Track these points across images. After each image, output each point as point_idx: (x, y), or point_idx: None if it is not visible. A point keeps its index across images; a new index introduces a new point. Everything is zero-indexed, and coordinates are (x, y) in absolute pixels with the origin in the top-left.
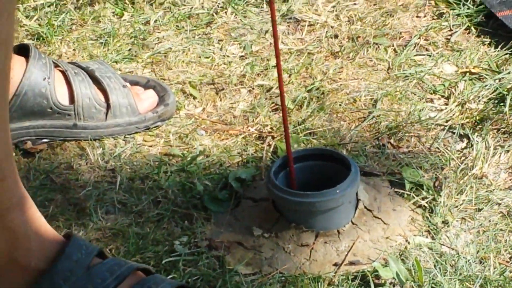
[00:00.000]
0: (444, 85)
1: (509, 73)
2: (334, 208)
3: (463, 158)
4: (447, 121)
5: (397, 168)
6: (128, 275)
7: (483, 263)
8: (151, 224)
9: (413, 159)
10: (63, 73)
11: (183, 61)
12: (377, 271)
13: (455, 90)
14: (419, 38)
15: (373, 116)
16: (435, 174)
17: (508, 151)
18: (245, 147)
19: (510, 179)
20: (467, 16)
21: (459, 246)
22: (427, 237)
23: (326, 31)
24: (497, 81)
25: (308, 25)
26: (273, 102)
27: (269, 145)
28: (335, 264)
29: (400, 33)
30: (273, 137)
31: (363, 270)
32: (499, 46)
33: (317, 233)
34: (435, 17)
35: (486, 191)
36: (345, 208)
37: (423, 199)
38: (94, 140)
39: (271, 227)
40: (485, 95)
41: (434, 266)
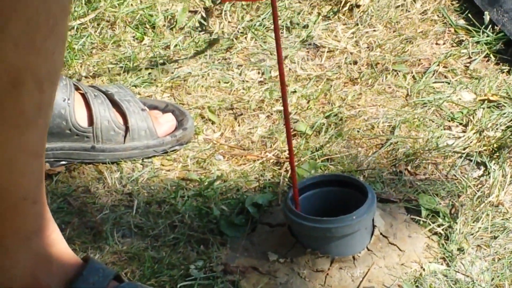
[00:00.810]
0: (462, 113)
1: None
2: (350, 234)
3: (480, 186)
4: (465, 149)
5: (414, 195)
6: None
7: None
8: (167, 248)
9: (430, 186)
10: (83, 96)
11: (202, 86)
12: None
13: (473, 118)
14: (438, 65)
15: (391, 143)
16: (452, 201)
17: None
18: (263, 173)
19: None
20: (486, 44)
21: (474, 274)
22: (442, 264)
23: (345, 57)
24: None
25: (328, 51)
26: (292, 128)
27: (286, 171)
28: None
29: (419, 60)
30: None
31: None
32: None
33: (333, 259)
34: (455, 45)
35: (502, 219)
36: (361, 234)
37: (439, 226)
38: (112, 163)
39: (287, 252)
40: (503, 123)
41: None
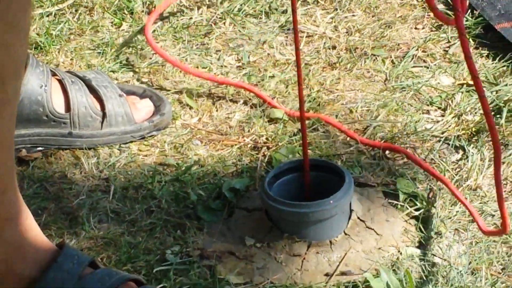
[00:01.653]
0: (441, 97)
1: (506, 85)
2: (327, 219)
3: (458, 170)
4: (443, 133)
5: (392, 179)
6: (119, 286)
7: (475, 274)
8: (144, 233)
9: (408, 170)
10: (60, 82)
11: (180, 71)
12: (368, 282)
13: (452, 102)
14: (417, 50)
15: (369, 127)
16: (430, 185)
17: (503, 163)
18: (240, 158)
19: (504, 191)
20: (466, 28)
21: (452, 257)
22: (420, 248)
23: (324, 42)
24: (494, 93)
25: (306, 36)
26: (269, 113)
27: (264, 156)
28: (327, 274)
29: (398, 45)
30: (268, 148)
31: (354, 281)
32: (497, 58)
33: (310, 243)
34: (434, 29)
35: (480, 203)
36: (338, 219)
37: (417, 210)
38: (89, 149)
39: (264, 237)
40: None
41: (426, 277)
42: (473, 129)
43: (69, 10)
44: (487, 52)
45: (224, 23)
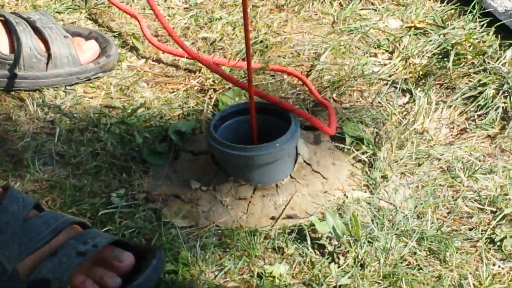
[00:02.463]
0: (389, 40)
1: (454, 29)
2: (273, 162)
3: (405, 113)
4: (390, 76)
5: (338, 123)
6: (64, 229)
7: (421, 218)
8: (89, 176)
9: (355, 114)
10: (4, 23)
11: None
12: (314, 225)
13: (400, 45)
14: None
15: (316, 70)
16: (376, 129)
17: (450, 107)
18: (187, 100)
19: (451, 135)
20: None
21: (398, 201)
22: (366, 192)
23: None
24: (442, 36)
25: None
26: (216, 54)
27: (211, 98)
28: (272, 218)
29: None
30: (215, 90)
31: (300, 224)
32: (445, 1)
33: (255, 187)
34: None
35: (427, 146)
36: (284, 162)
37: (363, 154)
38: (34, 91)
39: (209, 181)
40: (429, 50)
41: (372, 221)
42: (421, 73)
43: None
44: None
45: None
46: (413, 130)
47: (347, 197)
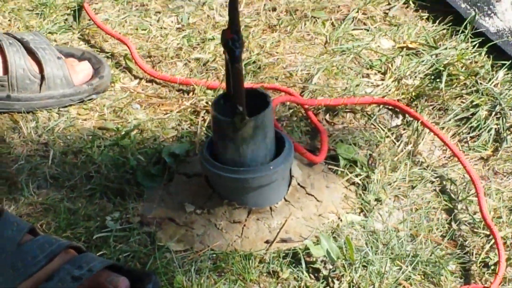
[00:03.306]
0: (381, 60)
1: (446, 49)
2: (267, 185)
3: (398, 135)
4: (383, 97)
5: (332, 145)
6: (59, 253)
7: (415, 241)
8: (83, 200)
9: (348, 135)
10: None
11: (120, 33)
12: (309, 249)
13: (392, 66)
14: (357, 12)
15: (309, 91)
16: (370, 151)
17: (443, 128)
18: (180, 122)
19: (444, 157)
20: None
21: (391, 224)
22: (360, 215)
23: (264, 4)
24: (434, 57)
25: None
26: (209, 76)
27: (204, 120)
28: (267, 242)
29: (339, 7)
30: (208, 112)
31: (295, 248)
32: (437, 21)
33: (250, 210)
34: None
35: (420, 169)
36: (278, 185)
37: (357, 176)
38: (28, 113)
39: (204, 204)
40: (422, 71)
41: (366, 244)
42: (413, 94)
43: None
44: (427, 15)
45: None
46: (406, 152)
47: (341, 220)
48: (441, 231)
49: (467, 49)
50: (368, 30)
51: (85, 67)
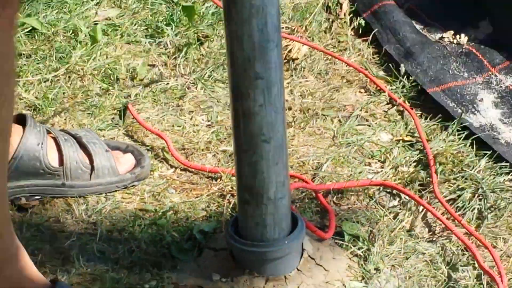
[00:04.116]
0: (381, 151)
1: (437, 141)
2: (282, 257)
3: (395, 214)
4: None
5: (338, 223)
6: None
7: None
8: (125, 270)
9: (352, 215)
10: (55, 139)
11: (158, 129)
12: None
13: (390, 156)
14: (361, 111)
15: (319, 178)
16: (370, 228)
17: (434, 208)
18: (209, 204)
19: (434, 232)
20: (402, 92)
21: None
22: (361, 282)
23: None
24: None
25: None
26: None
27: (229, 202)
28: None
29: (345, 106)
30: (233, 196)
31: None
32: (429, 118)
33: (267, 278)
34: (375, 92)
35: (413, 242)
36: (292, 257)
37: (359, 249)
38: (79, 197)
39: (228, 273)
40: (416, 160)
41: None
42: (408, 179)
43: (63, 77)
44: (420, 113)
45: (196, 88)
46: (402, 228)
47: (345, 287)
48: None
49: (454, 141)
50: (370, 126)
51: (129, 159)
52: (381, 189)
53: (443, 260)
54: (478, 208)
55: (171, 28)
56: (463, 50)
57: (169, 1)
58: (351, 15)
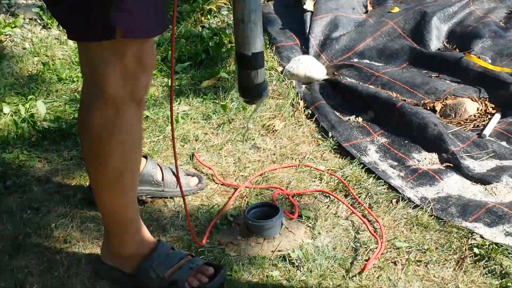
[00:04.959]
0: (321, 174)
1: (347, 170)
2: (271, 228)
3: (327, 205)
4: None
5: (299, 210)
6: (184, 257)
7: None
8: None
9: (306, 206)
10: (160, 167)
11: (209, 164)
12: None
13: (325, 177)
14: (310, 155)
15: (290, 188)
16: (315, 213)
17: (348, 203)
18: (235, 201)
19: None
20: (330, 146)
21: None
22: (311, 239)
23: None
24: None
25: None
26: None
27: (245, 201)
28: (272, 251)
29: (302, 153)
30: (247, 197)
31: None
32: (343, 158)
33: (264, 238)
34: (319, 146)
35: (337, 220)
36: (277, 228)
37: (310, 223)
38: (171, 198)
39: (245, 236)
40: (338, 180)
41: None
42: (334, 188)
43: (162, 140)
44: (339, 156)
45: (227, 145)
46: (331, 213)
47: (303, 242)
48: None
49: (356, 170)
50: (315, 162)
51: (195, 179)
52: (321, 194)
53: (353, 228)
54: (369, 202)
55: (215, 115)
56: (359, 124)
57: (214, 102)
58: (304, 107)
